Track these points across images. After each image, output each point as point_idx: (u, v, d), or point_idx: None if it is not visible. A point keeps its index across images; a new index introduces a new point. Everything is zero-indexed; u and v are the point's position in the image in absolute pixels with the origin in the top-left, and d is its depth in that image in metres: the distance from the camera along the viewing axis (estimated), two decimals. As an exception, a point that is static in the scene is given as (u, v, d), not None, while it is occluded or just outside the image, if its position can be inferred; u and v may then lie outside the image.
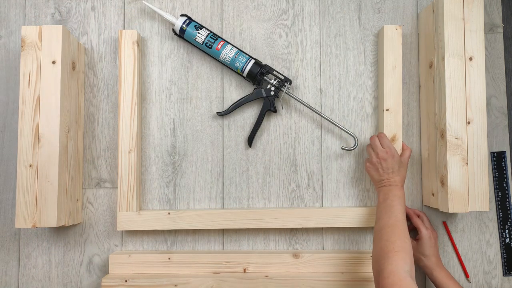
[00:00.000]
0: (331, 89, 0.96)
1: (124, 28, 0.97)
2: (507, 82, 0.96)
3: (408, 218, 0.90)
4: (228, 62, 0.91)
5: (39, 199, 0.82)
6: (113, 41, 0.97)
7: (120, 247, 0.94)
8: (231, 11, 0.97)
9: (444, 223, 0.94)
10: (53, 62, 0.84)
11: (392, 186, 0.84)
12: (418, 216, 0.90)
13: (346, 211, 0.90)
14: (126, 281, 0.86)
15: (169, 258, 0.90)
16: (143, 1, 0.94)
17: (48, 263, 0.93)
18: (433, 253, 0.86)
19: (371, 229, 0.93)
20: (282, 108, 0.95)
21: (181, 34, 0.92)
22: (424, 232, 0.86)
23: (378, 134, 0.90)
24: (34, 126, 0.83)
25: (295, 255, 0.90)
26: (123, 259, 0.90)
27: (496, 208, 0.94)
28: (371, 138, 0.90)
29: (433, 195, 0.89)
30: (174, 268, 0.90)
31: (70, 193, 0.88)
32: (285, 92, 0.91)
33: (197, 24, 0.91)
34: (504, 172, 0.94)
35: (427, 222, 0.90)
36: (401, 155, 0.87)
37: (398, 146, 0.89)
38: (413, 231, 0.91)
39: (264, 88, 0.92)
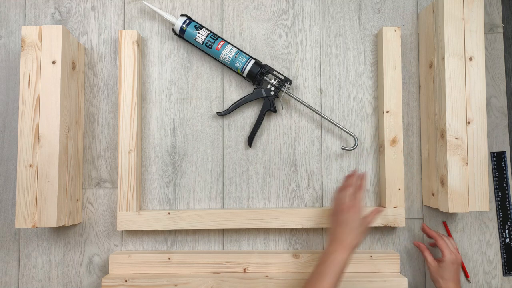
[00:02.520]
0: (331, 89, 0.96)
1: (124, 28, 0.97)
2: (507, 82, 0.96)
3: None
4: (228, 62, 0.91)
5: (39, 199, 0.82)
6: (113, 41, 0.97)
7: (120, 247, 0.94)
8: (231, 11, 0.97)
9: (444, 223, 0.94)
10: (53, 62, 0.84)
11: (337, 245, 0.74)
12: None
13: (346, 211, 0.90)
14: (126, 281, 0.86)
15: (169, 258, 0.90)
16: (143, 1, 0.94)
17: (48, 263, 0.93)
18: (452, 278, 0.82)
19: (371, 229, 0.93)
20: (282, 108, 0.95)
21: (181, 34, 0.92)
22: (448, 256, 0.82)
23: (348, 182, 0.84)
24: (34, 126, 0.83)
25: (295, 255, 0.90)
26: (123, 259, 0.90)
27: (496, 208, 0.94)
28: (344, 182, 0.85)
29: (433, 195, 0.89)
30: (174, 268, 0.90)
31: (70, 193, 0.88)
32: (285, 92, 0.91)
33: (197, 24, 0.91)
34: (504, 172, 0.94)
35: (453, 246, 0.85)
36: (365, 217, 0.79)
37: (399, 148, 0.89)
38: (437, 249, 0.87)
39: (264, 88, 0.92)
